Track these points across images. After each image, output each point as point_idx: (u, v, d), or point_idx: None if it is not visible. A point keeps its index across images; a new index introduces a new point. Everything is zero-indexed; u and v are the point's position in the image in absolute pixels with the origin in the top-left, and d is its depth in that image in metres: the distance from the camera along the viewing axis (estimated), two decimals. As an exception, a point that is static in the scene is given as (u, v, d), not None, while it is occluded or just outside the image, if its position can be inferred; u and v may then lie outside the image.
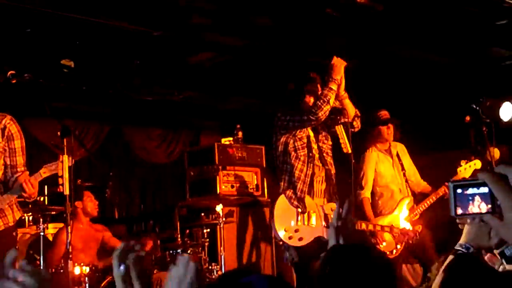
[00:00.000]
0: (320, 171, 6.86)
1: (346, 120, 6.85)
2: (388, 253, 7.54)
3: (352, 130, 6.92)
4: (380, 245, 7.53)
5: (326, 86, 6.68)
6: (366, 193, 7.88)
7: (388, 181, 7.97)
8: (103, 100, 10.53)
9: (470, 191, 2.06)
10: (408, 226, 7.58)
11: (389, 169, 8.02)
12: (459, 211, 2.08)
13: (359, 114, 6.96)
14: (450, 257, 2.83)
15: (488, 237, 2.72)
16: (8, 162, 5.95)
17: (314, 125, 6.77)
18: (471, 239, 2.77)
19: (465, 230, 2.78)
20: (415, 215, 7.77)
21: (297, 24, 8.09)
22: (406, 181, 8.04)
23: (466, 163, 7.89)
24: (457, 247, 2.79)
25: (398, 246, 7.56)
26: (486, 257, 3.07)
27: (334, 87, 6.65)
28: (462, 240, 2.80)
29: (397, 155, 8.11)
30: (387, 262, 2.82)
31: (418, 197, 8.01)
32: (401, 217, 7.72)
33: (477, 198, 2.05)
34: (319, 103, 6.60)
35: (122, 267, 2.43)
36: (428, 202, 7.80)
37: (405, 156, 8.19)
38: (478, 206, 2.05)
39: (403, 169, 8.06)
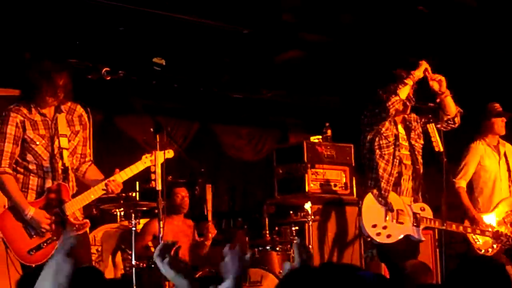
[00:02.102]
0: (408, 170, 6.79)
1: (449, 116, 6.78)
2: (483, 251, 7.42)
3: (453, 126, 6.87)
4: (477, 242, 7.41)
5: (403, 79, 6.64)
6: (462, 183, 7.71)
7: (491, 178, 7.78)
8: (193, 98, 10.65)
9: None
10: (503, 228, 7.46)
11: (495, 166, 7.82)
12: None
13: (461, 111, 6.90)
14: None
15: None
16: (80, 151, 6.04)
17: (385, 118, 6.70)
18: None
19: None
20: None
21: (388, 21, 8.02)
22: (511, 181, 7.84)
23: None
24: None
25: (495, 246, 7.41)
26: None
27: (409, 82, 6.60)
28: None
29: (505, 154, 7.90)
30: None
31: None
32: (498, 217, 7.57)
33: None
34: (388, 95, 6.57)
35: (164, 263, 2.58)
36: None
37: None
38: None
39: (509, 169, 7.84)
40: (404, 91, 6.59)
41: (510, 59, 9.27)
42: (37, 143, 5.77)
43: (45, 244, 5.68)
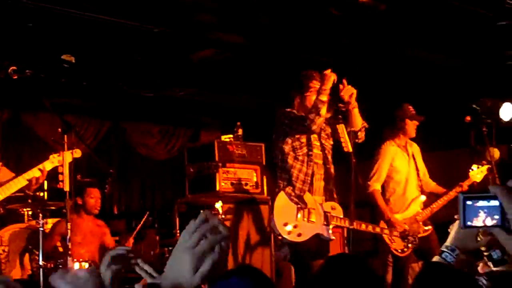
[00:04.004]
0: (319, 169, 6.86)
1: (353, 129, 6.86)
2: (399, 251, 7.56)
3: (357, 140, 6.91)
4: (393, 243, 7.54)
5: (317, 97, 6.68)
6: (377, 186, 7.80)
7: (402, 178, 7.92)
8: (103, 96, 10.54)
9: (480, 203, 2.09)
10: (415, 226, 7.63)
11: (405, 166, 7.95)
12: (468, 223, 2.11)
13: (366, 126, 6.96)
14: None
15: (476, 240, 2.73)
16: None
17: (308, 133, 6.77)
18: (457, 241, 2.77)
19: (452, 232, 2.79)
20: (427, 215, 7.78)
21: (299, 22, 8.10)
22: (419, 180, 7.98)
23: (478, 167, 7.89)
24: (443, 248, 2.80)
25: (409, 245, 7.55)
26: (479, 267, 3.09)
27: (324, 98, 6.63)
28: (448, 242, 2.80)
29: (413, 155, 8.04)
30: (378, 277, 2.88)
31: (429, 198, 7.98)
32: (410, 216, 7.73)
33: (486, 210, 2.08)
34: (312, 117, 6.60)
35: (113, 267, 2.37)
36: (440, 202, 7.80)
37: (419, 156, 8.12)
38: (487, 219, 2.08)
39: (417, 168, 7.98)
40: (324, 108, 6.64)
41: (421, 61, 9.49)
42: None
43: None
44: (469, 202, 2.10)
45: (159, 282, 2.13)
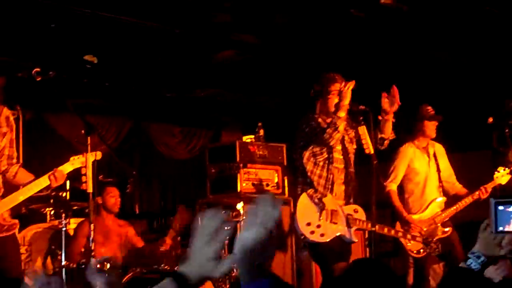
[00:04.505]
0: (340, 174, 6.82)
1: (383, 136, 6.89)
2: (414, 252, 7.54)
3: (380, 147, 6.94)
4: (408, 244, 7.51)
5: (335, 113, 6.67)
6: (393, 186, 7.76)
7: (421, 179, 7.88)
8: (125, 96, 10.58)
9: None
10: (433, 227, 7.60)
11: (424, 167, 7.89)
12: (500, 228, 2.09)
13: (391, 138, 6.97)
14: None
15: (499, 248, 2.72)
16: (7, 153, 5.95)
17: (325, 145, 6.76)
18: (482, 248, 2.77)
19: (479, 237, 2.79)
20: (446, 217, 7.74)
21: (320, 23, 8.09)
22: (440, 181, 7.93)
23: (504, 169, 7.83)
24: (469, 254, 2.80)
25: (431, 253, 7.53)
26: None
27: (342, 114, 6.63)
28: (475, 247, 2.80)
29: (434, 155, 7.98)
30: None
31: (452, 200, 7.92)
32: (429, 218, 7.70)
33: None
34: (330, 131, 6.60)
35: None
36: (461, 204, 7.75)
37: (443, 157, 8.02)
38: None
39: (438, 169, 7.93)
40: (342, 125, 6.64)
41: (442, 62, 9.45)
42: None
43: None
44: (500, 207, 2.09)
45: (184, 271, 2.15)
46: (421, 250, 7.53)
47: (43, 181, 5.84)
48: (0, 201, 5.74)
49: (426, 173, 7.88)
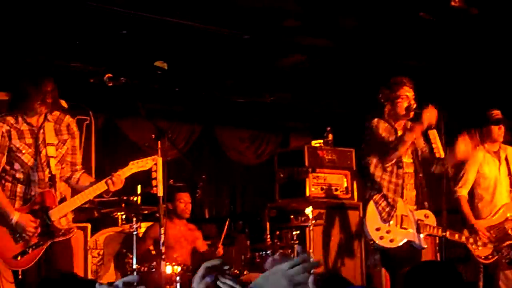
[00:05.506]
0: (409, 179, 6.76)
1: (440, 156, 6.71)
2: (482, 258, 7.42)
3: (433, 170, 6.84)
4: (476, 250, 7.40)
5: (404, 132, 6.64)
6: (463, 192, 7.64)
7: (491, 184, 7.76)
8: (195, 101, 10.67)
9: None
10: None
11: (494, 172, 7.76)
12: None
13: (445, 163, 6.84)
14: None
15: None
16: (69, 159, 6.06)
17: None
18: None
19: None
20: None
21: (389, 26, 8.04)
22: (511, 187, 7.81)
23: None
24: None
25: (495, 253, 7.41)
26: None
27: (409, 138, 6.59)
28: None
29: (506, 158, 7.86)
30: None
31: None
32: (499, 223, 7.57)
33: None
34: (393, 146, 6.56)
35: (208, 279, 2.39)
36: None
37: None
38: None
39: (510, 174, 7.81)
40: (404, 148, 6.60)
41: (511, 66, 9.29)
42: (23, 151, 5.79)
43: (30, 249, 5.67)
44: None
45: None
46: (490, 256, 7.41)
47: (101, 186, 5.90)
48: (59, 205, 5.82)
49: (495, 178, 7.74)
